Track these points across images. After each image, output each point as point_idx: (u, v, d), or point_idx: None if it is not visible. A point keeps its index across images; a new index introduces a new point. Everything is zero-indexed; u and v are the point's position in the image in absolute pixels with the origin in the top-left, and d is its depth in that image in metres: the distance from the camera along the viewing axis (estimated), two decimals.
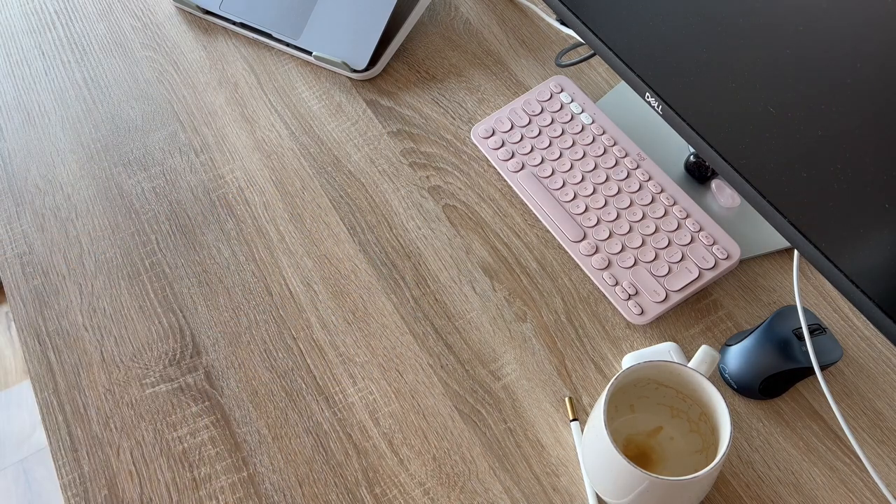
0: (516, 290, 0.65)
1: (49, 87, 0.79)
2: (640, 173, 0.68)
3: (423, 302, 0.64)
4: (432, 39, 0.81)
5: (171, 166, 0.73)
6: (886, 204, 0.45)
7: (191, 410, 0.60)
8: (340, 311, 0.64)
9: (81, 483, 0.57)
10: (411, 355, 0.62)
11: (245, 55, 0.80)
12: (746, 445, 0.58)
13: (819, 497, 0.56)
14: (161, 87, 0.78)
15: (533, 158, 0.70)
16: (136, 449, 0.58)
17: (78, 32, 0.83)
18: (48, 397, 0.61)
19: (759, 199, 0.56)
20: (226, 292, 0.65)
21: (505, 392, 0.60)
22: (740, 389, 0.59)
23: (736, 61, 0.51)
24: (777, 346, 0.58)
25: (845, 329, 0.62)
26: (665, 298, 0.62)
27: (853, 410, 0.59)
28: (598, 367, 0.61)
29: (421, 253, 0.67)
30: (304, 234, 0.68)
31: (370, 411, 0.60)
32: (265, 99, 0.77)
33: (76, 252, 0.68)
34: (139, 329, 0.64)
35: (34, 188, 0.72)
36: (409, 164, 0.72)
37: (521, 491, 0.56)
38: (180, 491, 0.57)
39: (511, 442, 0.58)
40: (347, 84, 0.78)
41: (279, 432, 0.59)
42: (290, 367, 0.62)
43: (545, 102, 0.73)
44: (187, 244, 0.68)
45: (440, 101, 0.77)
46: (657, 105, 0.62)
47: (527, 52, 0.80)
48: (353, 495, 0.56)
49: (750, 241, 0.66)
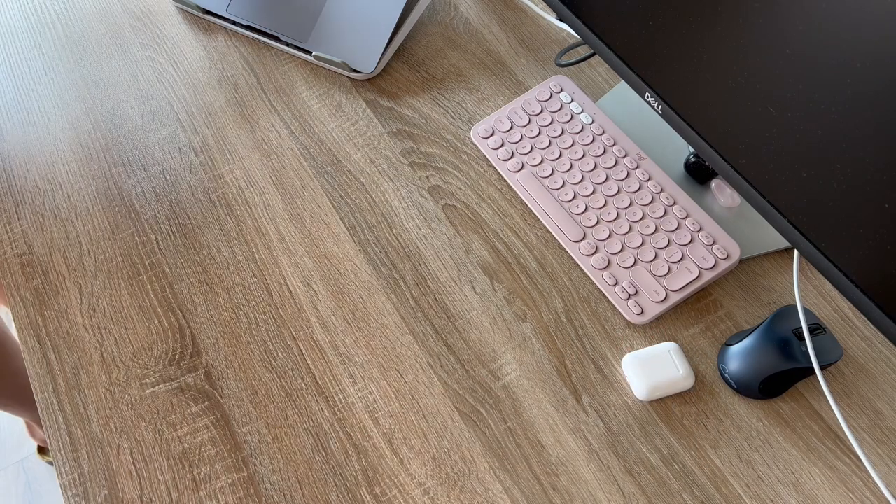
0: (516, 289, 0.65)
1: (49, 87, 0.79)
2: (639, 173, 0.68)
3: (423, 302, 0.64)
4: (432, 39, 0.81)
5: (170, 166, 0.73)
6: (886, 204, 0.45)
7: (191, 410, 0.60)
8: (340, 311, 0.64)
9: (81, 483, 0.57)
10: (411, 355, 0.62)
11: (245, 55, 0.80)
12: (746, 445, 0.58)
13: (819, 497, 0.56)
14: (161, 87, 0.78)
15: (533, 158, 0.70)
16: (136, 449, 0.58)
17: (78, 32, 0.83)
18: (48, 397, 0.61)
19: (759, 199, 0.56)
20: (226, 292, 0.65)
21: (505, 392, 0.60)
22: (740, 389, 0.59)
23: (736, 61, 0.51)
24: (777, 346, 0.58)
25: (845, 329, 0.62)
26: (665, 298, 0.62)
27: (853, 410, 0.59)
28: (598, 366, 0.61)
29: (421, 253, 0.67)
30: (304, 234, 0.68)
31: (370, 411, 0.60)
32: (265, 99, 0.77)
33: (76, 252, 0.68)
34: (139, 329, 0.64)
35: (34, 188, 0.72)
36: (409, 163, 0.72)
37: (521, 491, 0.56)
38: (180, 491, 0.57)
39: (511, 442, 0.58)
40: (347, 84, 0.78)
41: (279, 432, 0.59)
42: (289, 367, 0.62)
43: (545, 102, 0.73)
44: (187, 244, 0.68)
45: (440, 101, 0.76)
46: (657, 105, 0.62)
47: (527, 51, 0.80)
48: (353, 495, 0.56)
49: (750, 241, 0.66)
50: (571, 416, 0.59)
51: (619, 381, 0.60)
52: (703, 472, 0.57)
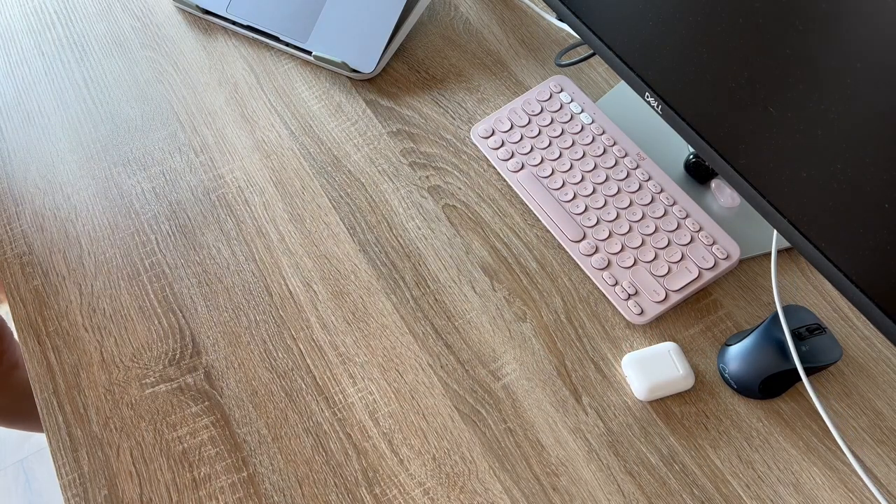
0: (516, 289, 0.65)
1: (49, 87, 0.79)
2: (639, 173, 0.68)
3: (423, 302, 0.64)
4: (432, 39, 0.81)
5: (170, 166, 0.73)
6: (886, 204, 0.45)
7: (191, 410, 0.60)
8: (340, 311, 0.64)
9: (81, 483, 0.57)
10: (411, 355, 0.62)
11: (245, 55, 0.80)
12: (746, 445, 0.58)
13: (819, 497, 0.56)
14: (161, 87, 0.78)
15: (532, 158, 0.70)
16: (135, 449, 0.58)
17: (78, 32, 0.83)
18: (48, 397, 0.61)
19: (759, 199, 0.56)
20: (226, 292, 0.65)
21: (505, 392, 0.60)
22: (740, 389, 0.59)
23: (736, 61, 0.51)
24: (777, 346, 0.58)
25: (845, 329, 0.62)
26: (665, 298, 0.62)
27: (853, 410, 0.59)
28: (598, 366, 0.61)
29: (421, 253, 0.67)
30: (304, 234, 0.68)
31: (370, 411, 0.60)
32: (265, 99, 0.77)
33: (76, 252, 0.68)
34: (139, 329, 0.64)
35: (34, 188, 0.72)
36: (408, 164, 0.72)
37: (520, 491, 0.56)
38: (180, 491, 0.57)
39: (511, 442, 0.58)
40: (347, 84, 0.78)
41: (279, 432, 0.59)
42: (289, 367, 0.62)
43: (545, 102, 0.73)
44: (187, 244, 0.68)
45: (440, 101, 0.76)
46: (657, 105, 0.62)
47: (526, 51, 0.80)
48: (353, 495, 0.56)
49: (750, 241, 0.66)
50: (571, 416, 0.59)
51: (619, 382, 0.60)
52: (703, 472, 0.57)
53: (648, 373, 0.59)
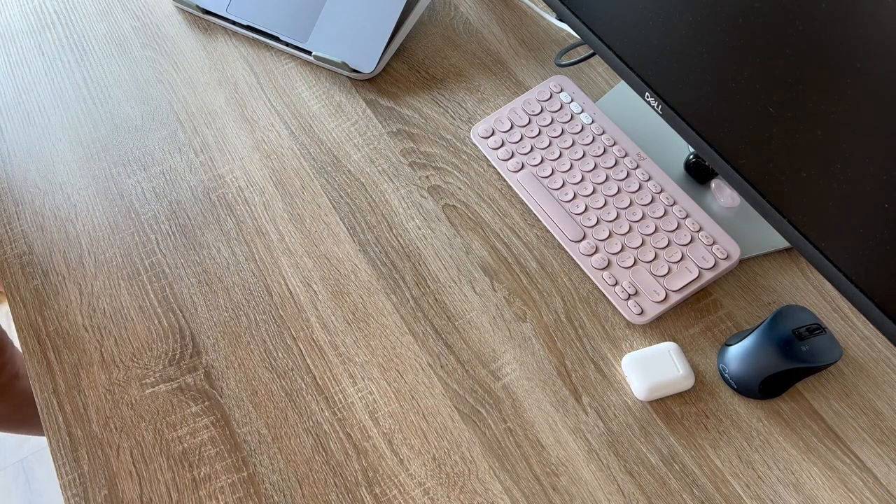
0: (516, 289, 0.65)
1: (49, 87, 0.79)
2: (639, 173, 0.68)
3: (423, 302, 0.64)
4: (432, 39, 0.81)
5: (170, 166, 0.73)
6: (886, 204, 0.45)
7: (191, 410, 0.60)
8: (340, 311, 0.64)
9: (81, 483, 0.57)
10: (411, 355, 0.62)
11: (245, 55, 0.80)
12: (746, 445, 0.58)
13: (819, 497, 0.56)
14: (161, 87, 0.78)
15: (532, 158, 0.70)
16: (135, 449, 0.58)
17: (78, 32, 0.83)
18: (48, 397, 0.61)
19: (759, 199, 0.56)
20: (226, 292, 0.65)
21: (505, 392, 0.60)
22: (740, 389, 0.59)
23: (736, 61, 0.51)
24: (777, 346, 0.58)
25: (845, 329, 0.62)
26: (665, 298, 0.62)
27: (853, 410, 0.59)
28: (598, 366, 0.61)
29: (421, 253, 0.67)
30: (304, 234, 0.68)
31: (370, 411, 0.60)
32: (265, 99, 0.77)
33: (76, 252, 0.68)
34: (139, 329, 0.64)
35: (34, 188, 0.72)
36: (408, 163, 0.72)
37: (520, 491, 0.56)
38: (180, 491, 0.57)
39: (511, 442, 0.58)
40: (347, 84, 0.78)
41: (279, 432, 0.59)
42: (289, 367, 0.62)
43: (545, 102, 0.73)
44: (187, 244, 0.68)
45: (440, 101, 0.76)
46: (657, 105, 0.62)
47: (526, 51, 0.80)
48: (353, 495, 0.56)
49: (750, 241, 0.66)
50: (571, 416, 0.59)
51: (619, 381, 0.60)
52: (702, 472, 0.57)
53: (648, 373, 0.59)
